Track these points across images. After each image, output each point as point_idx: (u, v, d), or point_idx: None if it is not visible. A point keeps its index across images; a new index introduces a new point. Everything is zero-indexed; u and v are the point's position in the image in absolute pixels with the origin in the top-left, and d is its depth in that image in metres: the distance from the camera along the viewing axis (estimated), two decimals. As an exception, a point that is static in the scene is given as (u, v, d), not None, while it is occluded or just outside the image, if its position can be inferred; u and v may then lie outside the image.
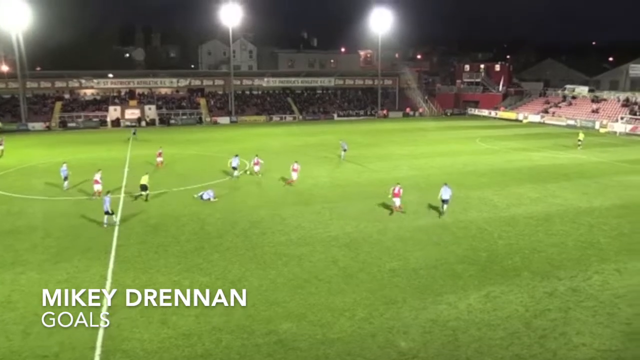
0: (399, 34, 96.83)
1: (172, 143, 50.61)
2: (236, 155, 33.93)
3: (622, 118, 64.55)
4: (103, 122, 70.43)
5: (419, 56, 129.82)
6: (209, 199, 27.64)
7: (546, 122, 74.76)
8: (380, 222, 23.91)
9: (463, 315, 15.41)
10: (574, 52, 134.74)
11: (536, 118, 77.00)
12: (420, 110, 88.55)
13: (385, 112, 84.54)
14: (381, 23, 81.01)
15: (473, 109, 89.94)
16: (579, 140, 49.79)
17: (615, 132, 61.35)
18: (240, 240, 21.56)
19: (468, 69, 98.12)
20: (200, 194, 28.16)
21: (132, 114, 72.41)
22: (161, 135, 58.41)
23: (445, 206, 25.55)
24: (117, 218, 23.79)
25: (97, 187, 27.82)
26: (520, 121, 77.88)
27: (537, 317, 15.29)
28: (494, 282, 17.55)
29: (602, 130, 65.14)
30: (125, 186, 30.71)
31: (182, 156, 42.03)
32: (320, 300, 16.27)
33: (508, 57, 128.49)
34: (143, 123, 71.27)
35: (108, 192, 24.04)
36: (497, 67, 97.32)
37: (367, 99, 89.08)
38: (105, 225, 22.93)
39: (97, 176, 28.01)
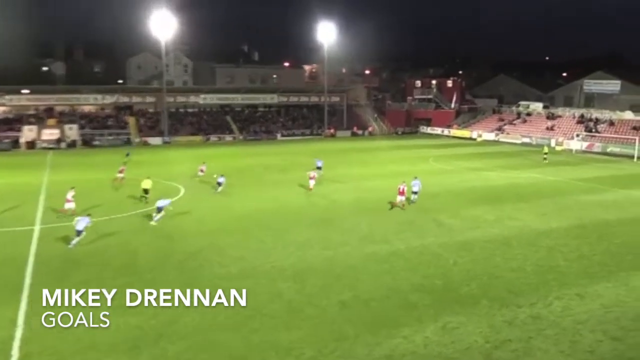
0: (347, 47, 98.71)
1: (93, 167, 49.07)
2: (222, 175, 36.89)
3: (577, 135, 67.83)
4: (16, 144, 67.64)
5: (367, 71, 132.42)
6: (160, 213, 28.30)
7: (501, 140, 77.59)
8: (328, 250, 23.87)
9: (420, 349, 15.46)
10: (528, 67, 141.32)
11: (490, 136, 79.79)
12: (370, 128, 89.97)
13: (332, 130, 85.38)
14: (327, 36, 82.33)
15: (425, 127, 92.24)
16: (545, 154, 54.68)
17: (571, 150, 64.29)
18: (175, 274, 20.95)
19: (419, 84, 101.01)
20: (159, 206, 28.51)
21: (50, 134, 69.93)
22: (80, 159, 56.59)
23: (415, 196, 32.83)
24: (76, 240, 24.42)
25: (69, 206, 29.23)
26: (474, 139, 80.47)
27: (498, 349, 15.52)
28: (451, 311, 17.74)
29: (558, 148, 68.15)
30: (41, 217, 29.40)
31: (105, 181, 40.74)
32: (265, 338, 15.94)
33: (460, 72, 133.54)
34: (63, 144, 68.95)
35: (89, 214, 25.76)
36: (450, 83, 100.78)
37: (313, 117, 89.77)
38: (71, 246, 23.99)
39: (70, 195, 29.51)
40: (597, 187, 40.03)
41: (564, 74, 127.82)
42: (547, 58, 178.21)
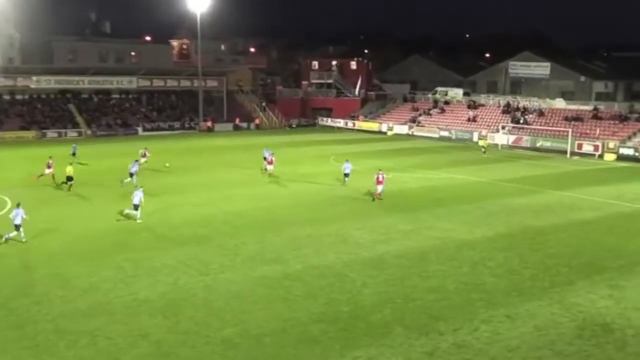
0: (226, 18, 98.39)
1: None
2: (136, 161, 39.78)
3: (503, 127, 71.84)
4: None
5: (252, 49, 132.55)
6: None
7: (415, 133, 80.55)
8: (206, 275, 23.58)
9: (323, 393, 15.60)
10: (445, 47, 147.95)
11: (403, 129, 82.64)
12: (257, 121, 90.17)
13: (209, 123, 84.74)
14: (201, 3, 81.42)
15: (325, 119, 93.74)
16: (483, 147, 61.76)
17: (496, 145, 67.96)
18: (1, 315, 19.79)
19: (317, 66, 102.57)
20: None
21: None
22: None
23: (346, 179, 41.60)
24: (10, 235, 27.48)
25: (48, 171, 41.17)
26: (385, 133, 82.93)
27: (416, 386, 15.99)
28: (360, 344, 18.07)
29: (481, 143, 71.74)
30: None
31: None
32: (124, 394, 15.42)
33: (366, 52, 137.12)
34: None
35: (19, 204, 28.31)
36: (354, 65, 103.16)
37: (185, 107, 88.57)
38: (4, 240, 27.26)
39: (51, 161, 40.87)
40: (526, 189, 42.56)
41: (487, 55, 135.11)
42: (467, 36, 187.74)
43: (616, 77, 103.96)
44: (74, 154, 53.52)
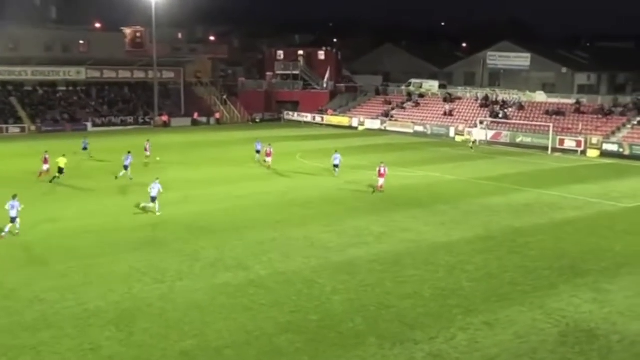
0: (184, 4, 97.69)
1: None
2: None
3: (481, 122, 72.52)
4: None
5: (212, 38, 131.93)
6: None
7: (388, 129, 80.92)
8: (163, 283, 23.41)
9: (290, 409, 15.59)
10: (420, 36, 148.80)
11: (375, 124, 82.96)
12: (217, 115, 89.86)
13: (165, 118, 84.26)
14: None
15: (291, 113, 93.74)
16: (472, 142, 64.56)
17: (474, 141, 68.55)
18: None
19: (282, 56, 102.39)
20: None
21: None
22: None
23: (337, 170, 45.09)
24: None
25: (45, 167, 42.73)
26: (356, 128, 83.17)
27: (390, 400, 16.05)
28: (330, 355, 18.09)
29: (458, 139, 72.36)
30: None
31: None
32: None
33: (335, 41, 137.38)
34: None
35: (15, 196, 29.79)
36: (322, 55, 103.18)
37: (139, 100, 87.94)
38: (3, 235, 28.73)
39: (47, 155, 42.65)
40: (506, 187, 43.04)
41: (464, 45, 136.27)
42: (442, 24, 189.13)
43: (599, 68, 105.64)
44: (85, 149, 53.99)
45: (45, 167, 43.72)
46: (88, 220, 32.65)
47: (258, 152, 52.65)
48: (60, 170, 42.32)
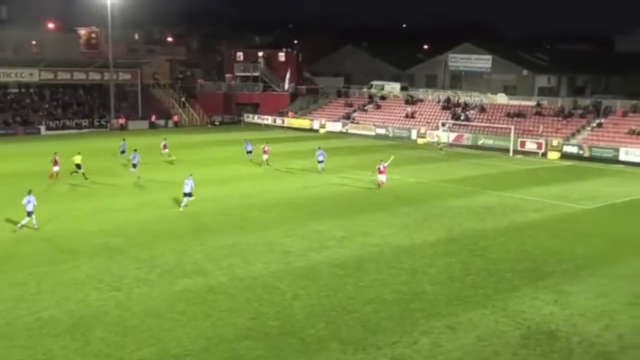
0: (141, 4, 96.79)
1: None
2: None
3: (443, 124, 73.22)
4: None
5: (170, 38, 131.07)
6: None
7: (350, 131, 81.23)
8: (119, 291, 23.20)
9: (251, 417, 15.58)
10: (381, 37, 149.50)
11: (337, 126, 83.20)
12: (175, 118, 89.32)
13: (122, 121, 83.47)
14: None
15: (251, 115, 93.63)
16: (440, 144, 65.18)
17: (444, 142, 69.07)
18: None
19: (242, 58, 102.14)
20: None
21: None
22: None
23: (321, 165, 48.72)
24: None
25: (56, 169, 43.61)
26: (317, 131, 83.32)
27: (353, 406, 16.13)
28: (292, 362, 18.15)
29: (420, 141, 72.94)
30: None
31: None
32: None
33: (296, 42, 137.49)
34: None
35: (30, 191, 31.27)
36: (282, 56, 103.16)
37: (94, 103, 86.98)
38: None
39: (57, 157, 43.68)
40: (468, 190, 43.52)
41: (425, 47, 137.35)
42: (404, 25, 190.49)
43: (559, 70, 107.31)
44: (123, 152, 54.39)
45: (56, 168, 44.27)
46: (47, 226, 32.15)
47: (249, 152, 54.93)
48: (79, 166, 44.87)
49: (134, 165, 46.61)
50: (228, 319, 20.91)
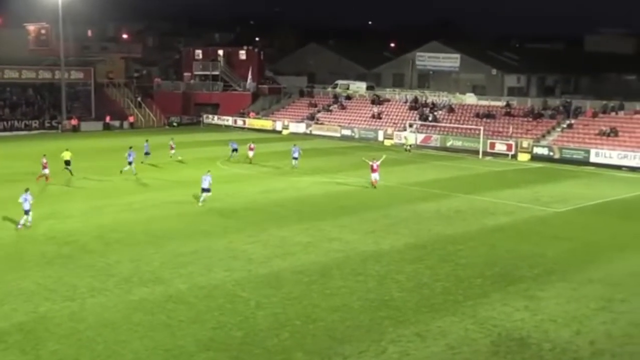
0: (94, 0, 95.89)
1: None
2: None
3: (411, 125, 73.65)
4: None
5: (125, 35, 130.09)
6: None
7: (314, 132, 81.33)
8: (73, 301, 22.93)
9: None
10: (347, 35, 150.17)
11: (300, 127, 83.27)
12: (130, 118, 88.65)
13: (75, 122, 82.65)
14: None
15: (210, 116, 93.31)
16: (407, 146, 65.82)
17: (411, 144, 69.50)
18: None
19: (201, 56, 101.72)
20: None
21: None
22: None
23: (295, 162, 49.86)
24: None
25: (46, 172, 44.35)
26: (279, 132, 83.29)
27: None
28: (255, 374, 18.12)
29: (387, 143, 73.27)
30: None
31: None
32: None
33: (257, 39, 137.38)
34: None
35: (27, 189, 32.87)
36: (243, 54, 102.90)
37: (45, 103, 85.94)
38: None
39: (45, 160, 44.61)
40: (436, 193, 43.86)
41: (392, 45, 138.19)
42: (370, 23, 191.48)
43: (529, 70, 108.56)
44: (147, 154, 54.29)
45: (46, 171, 45.08)
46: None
47: (235, 150, 57.11)
48: (67, 163, 47.54)
49: (130, 163, 48.30)
50: (188, 329, 20.79)
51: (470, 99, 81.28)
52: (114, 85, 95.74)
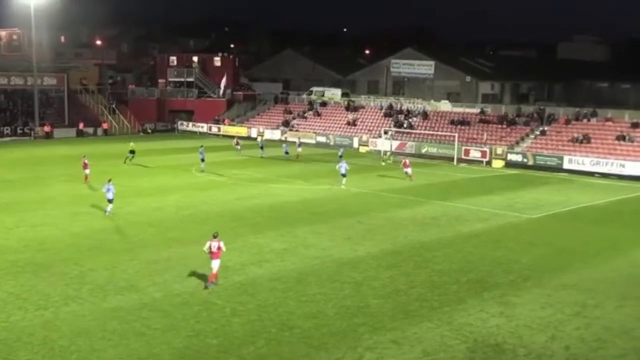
0: (67, 4, 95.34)
1: None
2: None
3: (385, 132, 73.89)
4: None
5: (99, 41, 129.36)
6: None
7: (289, 139, 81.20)
8: (46, 310, 22.73)
9: None
10: (321, 41, 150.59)
11: (275, 134, 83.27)
12: (105, 125, 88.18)
13: (48, 128, 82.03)
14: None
15: (185, 123, 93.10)
16: (386, 157, 64.20)
17: (379, 152, 69.74)
18: None
19: (175, 62, 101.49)
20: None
21: None
22: None
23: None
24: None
25: (87, 172, 46.88)
26: (255, 139, 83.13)
27: None
28: (231, 382, 18.04)
29: (362, 150, 73.47)
30: None
31: None
32: None
33: (232, 46, 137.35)
34: None
35: (110, 180, 36.91)
36: (218, 61, 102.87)
37: (17, 109, 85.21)
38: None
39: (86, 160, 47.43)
40: (411, 200, 44.03)
41: (367, 52, 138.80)
42: (344, 30, 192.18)
43: (502, 77, 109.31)
44: (203, 160, 55.13)
45: (87, 171, 47.38)
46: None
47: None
48: (132, 152, 56.57)
49: (202, 160, 54.39)
50: (163, 337, 20.68)
51: (444, 105, 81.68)
52: (87, 91, 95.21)
